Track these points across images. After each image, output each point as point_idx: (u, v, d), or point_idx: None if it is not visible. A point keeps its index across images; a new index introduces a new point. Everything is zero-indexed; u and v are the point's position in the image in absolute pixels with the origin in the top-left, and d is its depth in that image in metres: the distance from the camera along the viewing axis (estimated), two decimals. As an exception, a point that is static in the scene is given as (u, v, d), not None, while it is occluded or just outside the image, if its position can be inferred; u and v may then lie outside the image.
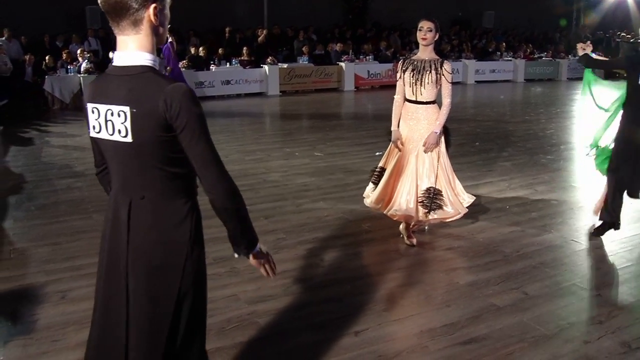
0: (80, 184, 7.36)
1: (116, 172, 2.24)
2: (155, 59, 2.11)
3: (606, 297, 4.33)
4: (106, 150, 2.22)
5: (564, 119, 13.13)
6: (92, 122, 2.18)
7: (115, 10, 2.05)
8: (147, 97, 2.02)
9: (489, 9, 25.81)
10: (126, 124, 2.06)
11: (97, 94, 2.15)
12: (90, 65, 14.50)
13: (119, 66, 2.11)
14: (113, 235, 2.25)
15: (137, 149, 2.09)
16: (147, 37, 2.10)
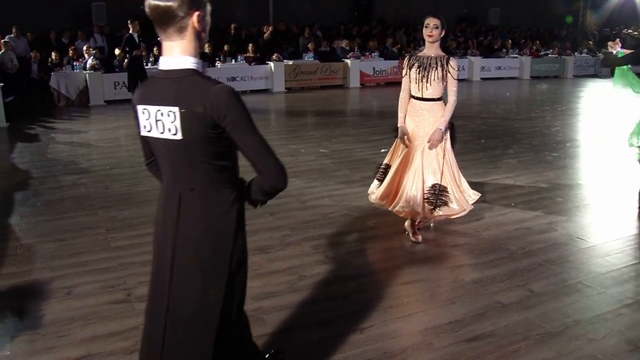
0: (86, 180, 7.38)
1: (166, 166, 2.40)
2: (198, 62, 2.28)
3: (612, 294, 4.31)
4: (156, 147, 2.39)
5: (569, 117, 13.09)
6: (143, 122, 2.35)
7: (163, 19, 2.21)
8: (195, 98, 2.18)
9: (495, 5, 25.74)
10: (176, 123, 2.23)
11: (147, 96, 2.31)
12: (95, 62, 14.54)
13: (166, 70, 2.27)
14: (162, 226, 2.42)
15: (187, 145, 2.26)
16: (190, 42, 2.27)
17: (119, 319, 3.92)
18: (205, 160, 2.30)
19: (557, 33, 25.59)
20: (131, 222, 5.83)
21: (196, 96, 2.19)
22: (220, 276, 2.39)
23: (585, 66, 22.61)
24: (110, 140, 10.14)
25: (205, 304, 2.39)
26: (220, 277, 2.39)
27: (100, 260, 4.90)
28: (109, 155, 8.92)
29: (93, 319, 3.92)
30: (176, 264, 2.38)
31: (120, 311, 4.03)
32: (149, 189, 6.96)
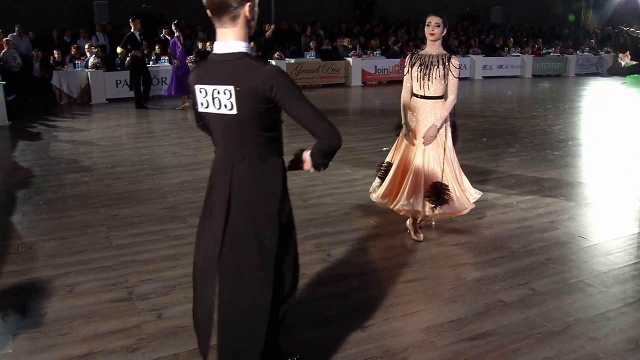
0: (88, 178, 7.38)
1: (220, 139, 2.70)
2: (248, 47, 2.57)
3: (614, 293, 4.31)
4: (212, 122, 2.69)
5: (571, 115, 13.07)
6: (200, 100, 2.64)
7: (218, 9, 2.51)
8: (248, 78, 2.48)
9: (497, 4, 25.72)
10: (232, 100, 2.52)
11: (203, 76, 2.61)
12: (97, 60, 14.54)
13: (221, 53, 2.57)
14: (217, 193, 2.71)
15: (240, 119, 2.56)
16: (242, 29, 2.56)
17: (120, 317, 3.92)
18: (257, 132, 2.60)
19: (559, 32, 25.55)
20: (133, 220, 5.83)
21: (250, 76, 2.47)
22: (272, 232, 2.68)
23: (587, 65, 22.58)
24: (112, 138, 10.14)
25: (262, 251, 2.66)
26: (272, 232, 2.68)
27: (102, 258, 4.91)
28: (110, 153, 8.92)
29: (95, 317, 3.93)
30: (229, 225, 2.66)
31: (122, 309, 4.03)
32: (150, 187, 6.97)
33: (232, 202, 2.66)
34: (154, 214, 6.01)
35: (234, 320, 2.77)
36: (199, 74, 2.65)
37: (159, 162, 8.25)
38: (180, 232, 5.49)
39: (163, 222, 5.78)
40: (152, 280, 4.49)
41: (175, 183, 7.15)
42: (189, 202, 6.40)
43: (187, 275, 4.51)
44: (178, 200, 6.46)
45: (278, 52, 17.03)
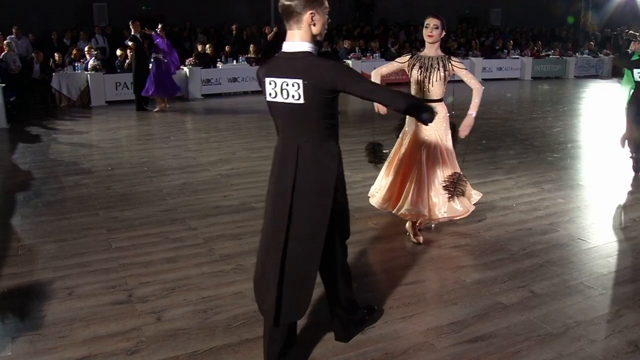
0: (87, 181, 7.38)
1: (286, 125, 3.13)
2: (312, 47, 3.01)
3: (613, 295, 4.31)
4: (278, 110, 3.12)
5: (571, 117, 13.08)
6: (269, 90, 3.08)
7: (286, 13, 2.97)
8: (315, 72, 2.92)
9: (497, 6, 25.74)
10: (299, 91, 2.94)
11: (272, 70, 3.04)
12: (97, 62, 14.54)
13: (289, 52, 3.02)
14: (282, 171, 3.14)
15: (307, 107, 2.97)
16: (306, 32, 2.99)
17: (120, 320, 3.92)
18: (319, 118, 3.02)
19: (558, 34, 25.56)
20: (132, 222, 5.83)
21: (316, 71, 2.91)
22: (327, 202, 3.10)
23: (586, 67, 22.59)
24: (111, 140, 10.14)
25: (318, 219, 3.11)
26: (327, 202, 3.10)
27: (102, 260, 4.90)
28: (110, 155, 8.92)
29: (94, 319, 3.93)
30: (295, 195, 3.08)
31: (122, 312, 4.03)
32: (150, 189, 6.97)
33: (297, 178, 3.07)
34: (153, 216, 6.01)
35: (293, 276, 3.17)
36: (269, 68, 3.07)
37: (158, 165, 8.25)
38: (180, 234, 5.49)
39: (162, 224, 5.78)
40: (152, 282, 4.48)
41: (175, 185, 7.15)
42: (188, 204, 6.40)
43: (186, 278, 4.54)
44: (177, 203, 6.45)
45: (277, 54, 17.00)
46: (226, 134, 10.63)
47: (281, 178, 3.15)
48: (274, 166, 3.22)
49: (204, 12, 18.92)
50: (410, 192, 5.09)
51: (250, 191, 6.88)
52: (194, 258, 4.96)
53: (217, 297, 4.26)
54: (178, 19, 18.18)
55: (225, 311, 4.03)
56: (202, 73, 15.64)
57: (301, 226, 3.12)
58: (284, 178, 3.13)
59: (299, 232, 3.13)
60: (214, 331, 3.79)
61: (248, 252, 5.06)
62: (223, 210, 6.21)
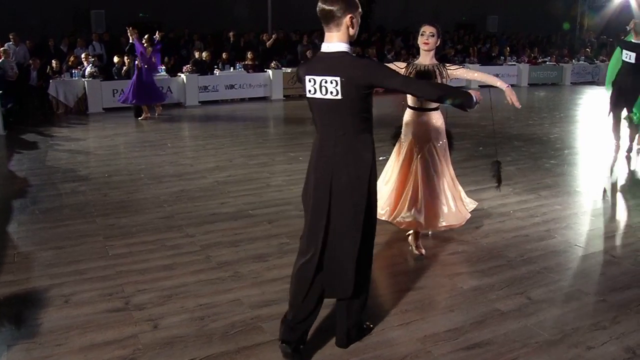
0: (84, 187, 7.37)
1: (324, 119, 3.34)
2: (349, 47, 3.23)
3: (610, 302, 4.31)
4: (316, 106, 3.34)
5: (567, 124, 13.11)
6: (309, 88, 3.30)
7: (326, 17, 3.19)
8: (351, 70, 3.14)
9: (493, 13, 25.80)
10: (337, 88, 3.17)
11: (312, 68, 3.28)
12: (94, 69, 14.53)
13: (327, 52, 3.24)
14: (320, 161, 3.36)
15: (344, 103, 3.21)
16: (344, 34, 3.21)
17: (117, 327, 3.91)
18: (355, 113, 3.26)
19: (555, 40, 25.63)
20: (129, 229, 5.82)
21: (353, 69, 3.15)
22: (363, 191, 3.33)
23: (583, 73, 22.63)
24: (108, 147, 10.13)
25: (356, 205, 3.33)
26: (363, 188, 3.33)
27: (99, 268, 4.89)
28: (107, 162, 8.92)
29: (91, 327, 3.92)
30: (334, 186, 3.31)
31: (119, 319, 4.02)
32: (147, 196, 6.96)
33: (334, 167, 3.31)
34: (150, 224, 6.00)
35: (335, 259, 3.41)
36: (309, 67, 3.31)
37: (155, 172, 8.24)
38: (177, 242, 5.49)
39: (159, 231, 5.78)
40: (148, 289, 4.47)
41: (172, 192, 7.15)
42: (186, 211, 6.39)
43: (183, 285, 4.54)
44: (174, 210, 6.45)
45: (275, 61, 17.03)
46: (223, 141, 10.62)
47: (320, 168, 3.37)
48: (312, 158, 3.43)
49: (202, 18, 18.93)
50: (407, 200, 5.07)
51: (247, 198, 6.87)
52: (191, 265, 4.95)
53: (214, 304, 4.25)
54: (176, 26, 18.19)
55: (222, 319, 4.03)
56: (199, 80, 15.64)
57: (341, 212, 3.35)
58: (323, 168, 3.35)
59: (339, 218, 3.36)
60: (210, 339, 3.78)
61: (245, 260, 5.06)
62: (220, 217, 6.20)
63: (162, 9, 18.65)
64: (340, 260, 3.40)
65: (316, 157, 3.41)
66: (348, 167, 3.32)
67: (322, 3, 3.21)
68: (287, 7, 20.17)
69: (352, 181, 3.32)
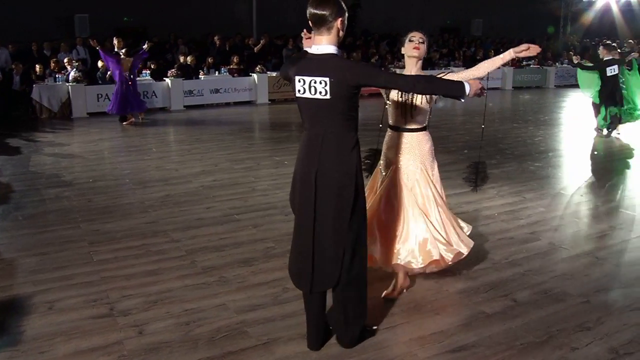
0: (69, 193, 7.32)
1: (312, 118, 3.45)
2: (337, 50, 3.39)
3: (594, 303, 4.35)
4: (305, 105, 3.44)
5: (552, 126, 13.21)
6: (298, 87, 3.41)
7: (320, 21, 3.32)
8: (340, 71, 3.28)
9: (478, 16, 25.95)
10: (326, 88, 3.30)
11: (302, 69, 3.39)
12: (78, 74, 14.45)
13: (317, 54, 3.38)
14: (307, 158, 3.46)
15: (332, 102, 3.33)
16: (334, 37, 3.37)
17: (101, 334, 3.88)
18: (342, 112, 3.38)
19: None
20: (115, 235, 5.79)
21: (341, 70, 3.28)
22: (351, 185, 3.44)
23: (566, 76, 22.76)
24: (93, 152, 10.07)
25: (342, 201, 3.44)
26: (350, 183, 3.43)
27: (83, 274, 4.86)
28: (92, 167, 8.86)
29: (75, 333, 3.89)
30: (319, 180, 3.42)
31: (103, 325, 4.00)
32: (132, 201, 6.93)
33: (321, 163, 3.41)
34: (136, 229, 5.97)
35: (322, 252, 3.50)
36: (298, 67, 3.41)
37: (140, 176, 8.21)
38: (162, 247, 5.47)
39: (144, 236, 5.75)
40: (134, 295, 4.45)
41: (157, 197, 7.12)
42: (171, 216, 6.36)
43: (169, 290, 4.52)
44: (160, 215, 6.42)
45: (260, 65, 17.02)
46: (209, 145, 10.60)
47: (307, 164, 3.47)
48: (300, 154, 3.54)
49: (187, 23, 18.88)
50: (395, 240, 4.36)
51: (232, 203, 6.85)
52: (177, 270, 4.93)
53: (199, 309, 4.23)
54: (161, 31, 18.12)
55: (207, 324, 4.01)
56: (184, 84, 15.60)
57: (327, 207, 3.45)
58: (310, 164, 3.46)
59: (326, 212, 3.45)
60: (196, 344, 3.76)
61: (231, 264, 5.05)
62: (205, 222, 6.18)
63: (146, 13, 18.57)
64: (327, 250, 3.49)
65: (303, 154, 3.51)
66: (335, 164, 3.42)
67: (313, 8, 3.33)
68: (271, 12, 20.19)
69: (340, 177, 3.42)
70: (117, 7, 18.14)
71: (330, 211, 3.45)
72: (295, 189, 3.59)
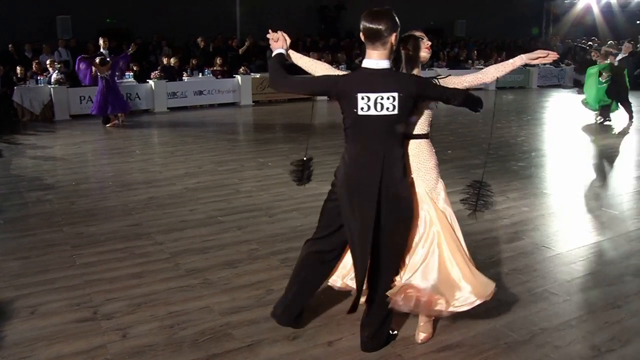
0: (51, 196, 7.26)
1: (373, 135, 3.38)
2: (390, 63, 3.37)
3: (577, 301, 4.39)
4: (367, 122, 3.35)
5: (535, 126, 13.30)
6: (362, 105, 3.32)
7: (374, 36, 3.27)
8: (406, 85, 3.31)
9: (461, 17, 26.08)
10: (394, 103, 3.29)
11: (364, 86, 3.30)
12: (60, 76, 14.34)
13: (374, 68, 3.33)
14: (366, 175, 3.40)
15: (399, 117, 3.34)
16: (388, 51, 3.33)
17: (85, 338, 3.86)
18: (403, 126, 3.45)
19: (521, 44, 25.99)
20: (98, 238, 5.75)
21: (407, 84, 3.32)
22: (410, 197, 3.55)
23: (549, 77, 22.95)
24: (76, 155, 10.00)
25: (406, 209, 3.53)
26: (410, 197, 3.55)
27: (66, 277, 4.82)
28: (75, 170, 8.80)
29: (58, 338, 3.86)
30: (383, 195, 3.39)
31: (87, 329, 3.97)
32: (115, 204, 6.89)
33: (383, 178, 3.37)
34: (119, 231, 5.94)
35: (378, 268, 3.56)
36: (358, 84, 3.33)
37: (124, 179, 8.16)
38: (146, 249, 5.44)
39: (128, 239, 5.72)
40: (117, 298, 4.42)
41: (141, 200, 7.08)
42: (155, 218, 6.33)
43: (153, 293, 4.50)
44: (143, 217, 6.39)
45: (243, 67, 16.98)
46: (192, 147, 10.56)
47: (367, 181, 3.41)
48: (351, 170, 3.46)
49: (170, 24, 18.79)
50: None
51: (216, 205, 6.83)
52: (161, 273, 4.91)
53: (183, 312, 4.22)
54: (144, 32, 18.03)
55: (192, 326, 4.00)
56: (168, 86, 15.54)
57: (391, 224, 3.46)
58: (370, 181, 3.40)
59: (389, 229, 3.46)
60: (180, 347, 3.75)
61: (215, 266, 5.03)
62: (189, 224, 6.16)
63: (130, 14, 18.48)
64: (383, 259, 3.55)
65: (360, 171, 3.43)
66: (397, 178, 3.44)
67: (369, 23, 3.28)
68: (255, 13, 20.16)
69: (400, 192, 3.46)
70: (100, 8, 18.05)
71: (391, 222, 3.46)
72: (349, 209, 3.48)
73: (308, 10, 22.40)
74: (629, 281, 4.78)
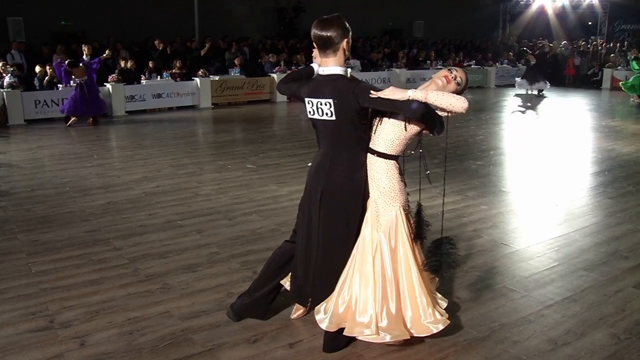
0: (5, 203, 7.09)
1: (322, 138, 3.57)
2: (344, 69, 3.43)
3: (534, 297, 4.46)
4: (315, 125, 3.57)
5: (493, 125, 13.48)
6: (309, 109, 3.53)
7: (325, 43, 3.36)
8: (343, 93, 3.34)
9: (419, 18, 26.32)
10: (331, 109, 3.39)
11: (311, 92, 3.47)
12: (14, 79, 14.00)
13: (324, 75, 3.45)
14: (317, 175, 3.54)
15: (338, 123, 3.42)
16: (340, 58, 3.42)
17: (40, 347, 3.77)
18: (348, 132, 3.45)
19: (478, 45, 26.37)
20: (54, 245, 5.64)
21: (345, 91, 3.33)
22: (357, 204, 3.55)
23: (506, 76, 23.32)
24: (32, 160, 9.78)
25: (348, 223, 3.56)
26: (357, 204, 3.55)
27: (21, 286, 4.71)
28: (30, 176, 8.61)
29: (12, 349, 3.76)
30: (323, 201, 3.51)
31: (42, 339, 3.88)
32: (72, 210, 6.76)
33: (327, 182, 3.49)
34: (76, 238, 5.83)
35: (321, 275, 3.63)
36: (309, 89, 3.50)
37: (81, 184, 8.01)
38: (104, 255, 5.35)
39: (86, 245, 5.62)
40: (75, 306, 4.34)
41: (98, 205, 6.96)
42: (113, 224, 6.24)
43: (111, 299, 4.42)
44: (101, 223, 6.28)
45: (202, 69, 16.85)
46: (151, 151, 10.43)
47: (315, 182, 3.56)
48: (310, 171, 3.64)
49: (127, 27, 18.55)
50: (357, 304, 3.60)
51: (175, 209, 6.76)
52: (119, 279, 4.83)
53: (143, 318, 4.16)
54: (100, 35, 17.75)
55: (151, 332, 3.94)
56: (126, 89, 15.31)
57: (331, 225, 3.54)
58: (318, 182, 3.54)
59: (329, 230, 3.54)
60: (140, 353, 3.69)
61: (174, 271, 4.98)
62: (148, 229, 6.08)
63: (85, 16, 18.16)
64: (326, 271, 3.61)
65: (314, 171, 3.59)
66: (342, 184, 3.50)
67: (319, 30, 3.34)
68: (213, 15, 20.03)
69: (346, 198, 3.51)
70: (54, 10, 17.70)
71: (334, 229, 3.54)
72: (303, 207, 3.69)
73: (267, 12, 22.36)
74: (584, 275, 4.88)
